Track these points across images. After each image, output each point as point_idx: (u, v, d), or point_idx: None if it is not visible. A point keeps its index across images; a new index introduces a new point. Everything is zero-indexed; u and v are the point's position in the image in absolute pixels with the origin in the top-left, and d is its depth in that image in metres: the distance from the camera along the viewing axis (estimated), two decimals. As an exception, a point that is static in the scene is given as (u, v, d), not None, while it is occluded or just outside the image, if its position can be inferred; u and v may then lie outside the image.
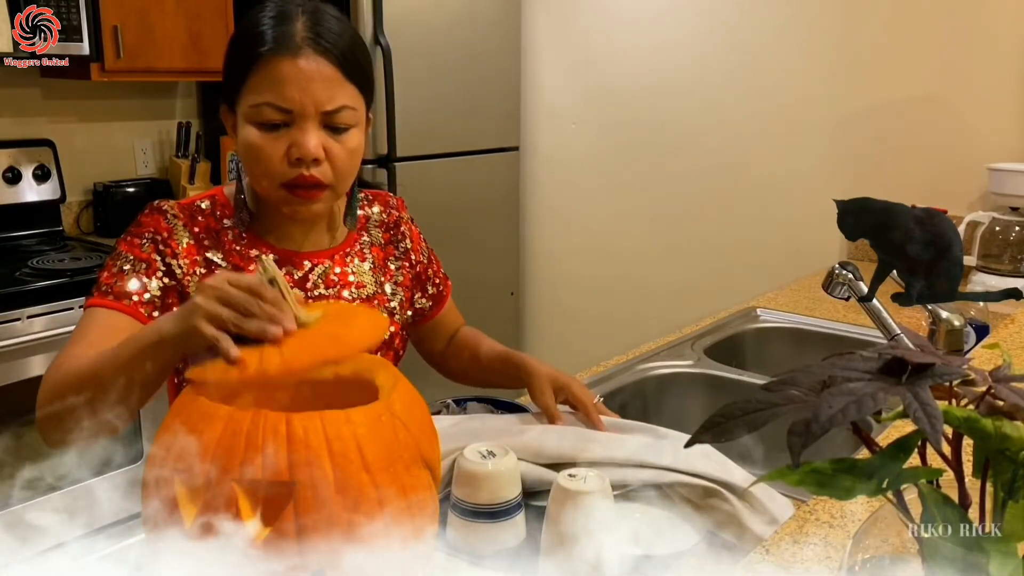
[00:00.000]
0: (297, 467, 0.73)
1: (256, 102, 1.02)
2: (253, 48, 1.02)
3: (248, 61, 1.02)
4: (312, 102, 1.01)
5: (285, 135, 1.02)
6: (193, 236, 1.09)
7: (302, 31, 1.02)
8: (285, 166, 1.03)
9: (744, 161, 2.79)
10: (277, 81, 1.01)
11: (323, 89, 1.02)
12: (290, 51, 1.01)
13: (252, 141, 1.03)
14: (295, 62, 1.00)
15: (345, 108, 1.04)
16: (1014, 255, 2.24)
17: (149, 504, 0.78)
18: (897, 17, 2.47)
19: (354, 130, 1.07)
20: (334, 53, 1.02)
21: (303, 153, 1.01)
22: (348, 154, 1.06)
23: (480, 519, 0.97)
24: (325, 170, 1.04)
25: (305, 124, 1.02)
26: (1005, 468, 0.53)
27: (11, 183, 2.59)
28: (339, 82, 1.03)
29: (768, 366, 1.88)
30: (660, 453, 1.05)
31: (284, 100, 1.01)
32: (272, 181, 1.04)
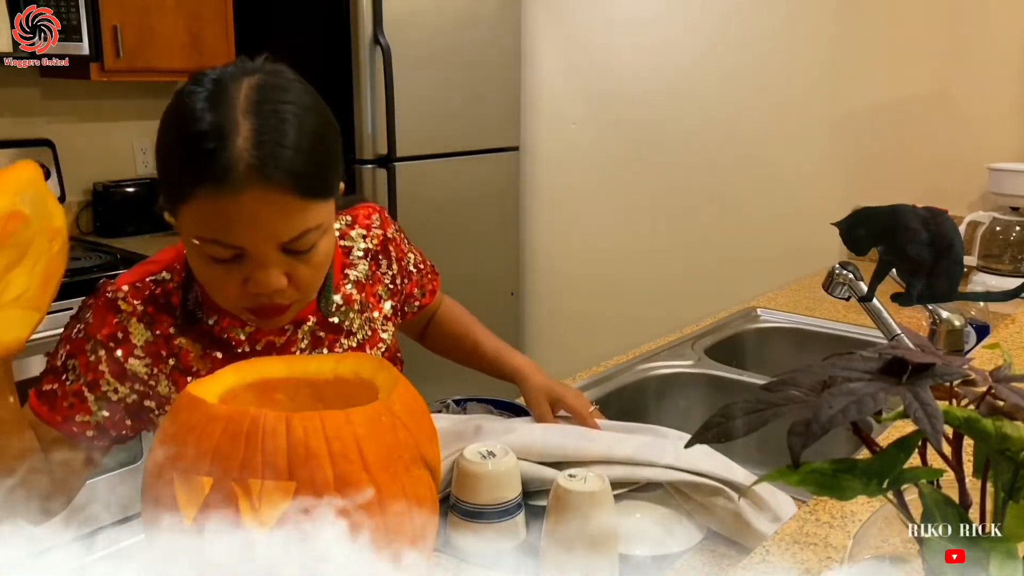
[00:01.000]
0: (297, 467, 0.73)
1: (201, 237, 0.86)
2: (187, 174, 0.83)
3: (183, 188, 0.84)
4: (266, 238, 0.85)
5: (239, 268, 0.87)
6: (152, 330, 0.97)
7: (244, 156, 0.81)
8: (244, 295, 0.89)
9: (744, 161, 2.79)
10: (221, 220, 0.83)
11: (278, 222, 0.85)
12: (232, 186, 0.81)
13: (203, 270, 0.90)
14: (239, 199, 0.82)
15: (307, 232, 0.87)
16: (1014, 255, 2.24)
17: (149, 504, 0.78)
18: (897, 17, 2.47)
19: (322, 241, 0.90)
20: (286, 179, 0.83)
21: (262, 289, 0.88)
22: (315, 269, 0.92)
23: (480, 519, 0.97)
24: (288, 294, 0.91)
25: (262, 258, 0.86)
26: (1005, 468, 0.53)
27: (11, 183, 2.58)
28: (297, 207, 0.85)
29: (768, 366, 1.88)
30: (661, 452, 1.05)
31: (231, 239, 0.84)
32: (231, 306, 0.93)
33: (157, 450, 0.78)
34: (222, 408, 0.78)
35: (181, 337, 0.99)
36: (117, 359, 0.96)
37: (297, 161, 0.83)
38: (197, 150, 0.82)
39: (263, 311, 0.92)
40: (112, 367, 0.96)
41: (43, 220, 0.81)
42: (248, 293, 0.89)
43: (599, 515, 0.91)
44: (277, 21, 2.90)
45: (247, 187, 0.81)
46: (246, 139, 0.81)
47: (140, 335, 0.97)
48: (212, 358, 1.00)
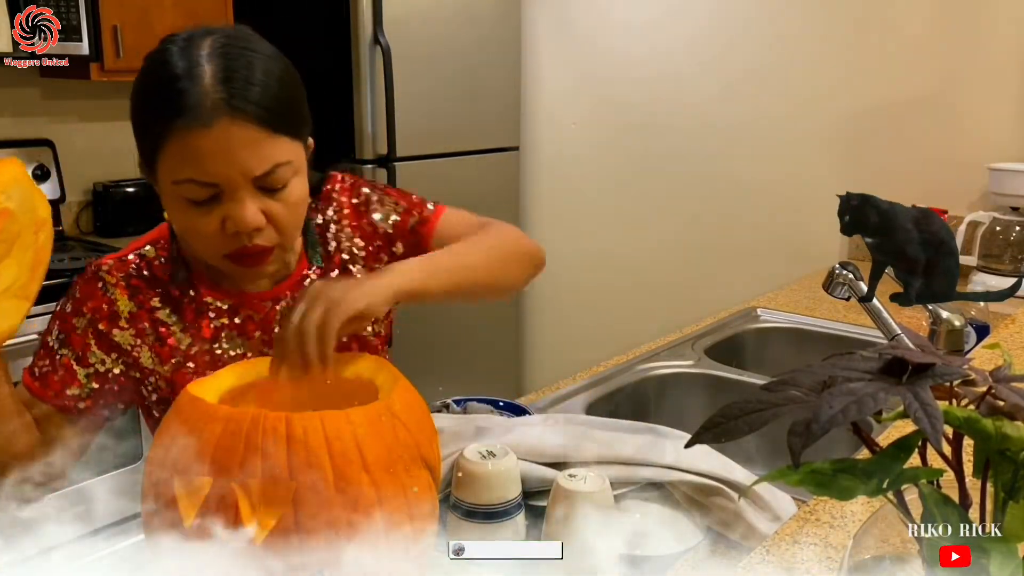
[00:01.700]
0: (297, 467, 0.73)
1: (176, 179, 0.89)
2: (160, 117, 0.87)
3: (157, 132, 0.88)
4: (239, 172, 0.88)
5: (217, 208, 0.90)
6: (136, 301, 1.00)
7: (212, 92, 0.86)
8: (223, 239, 0.92)
9: (744, 160, 2.79)
10: (194, 157, 0.87)
11: (249, 155, 0.88)
12: (202, 120, 0.85)
13: (181, 218, 0.92)
14: (210, 133, 0.86)
15: (278, 167, 0.90)
16: (1014, 255, 2.24)
17: (148, 504, 0.78)
18: (897, 17, 2.47)
19: (293, 181, 0.93)
20: (254, 111, 0.87)
21: (240, 227, 0.90)
22: (290, 210, 0.94)
23: (480, 519, 0.97)
24: (268, 234, 0.93)
25: (237, 194, 0.89)
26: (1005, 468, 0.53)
27: (11, 183, 2.58)
28: (266, 141, 0.89)
29: (768, 366, 1.88)
30: (661, 452, 1.05)
31: (206, 175, 0.88)
32: (212, 255, 0.95)
33: (157, 450, 0.78)
34: (222, 408, 0.78)
35: (164, 309, 1.01)
36: (102, 332, 1.00)
37: (263, 96, 0.88)
38: (167, 92, 0.86)
39: (244, 256, 0.93)
40: (99, 340, 1.00)
41: (29, 213, 0.84)
42: (228, 237, 0.91)
43: (599, 515, 0.91)
44: (277, 21, 2.90)
45: (216, 120, 0.85)
46: (213, 76, 0.86)
47: (124, 307, 1.00)
48: (193, 331, 1.02)
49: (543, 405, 1.43)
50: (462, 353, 2.99)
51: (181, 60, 0.88)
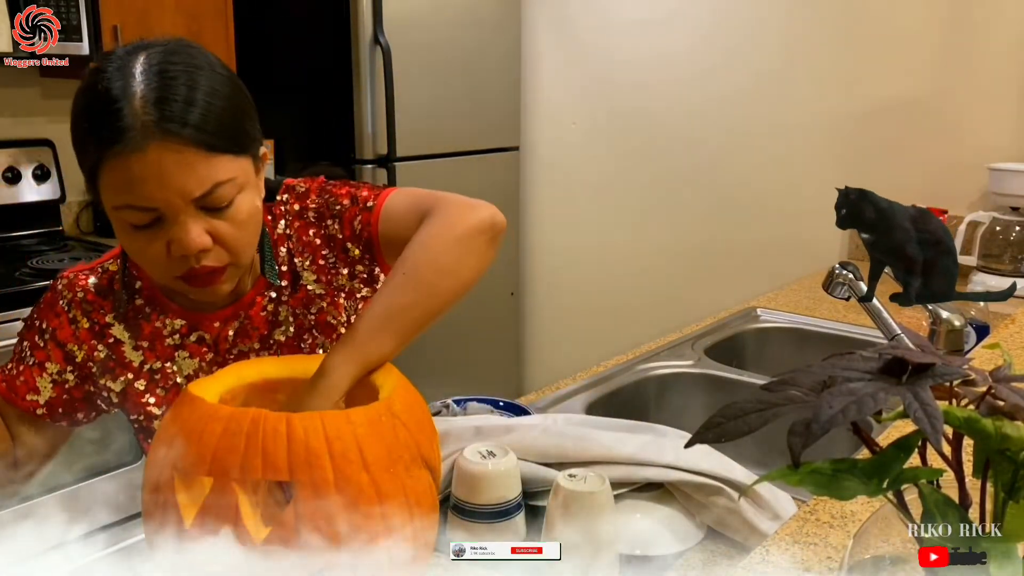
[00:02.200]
0: (297, 467, 0.73)
1: (116, 204, 0.87)
2: (94, 142, 0.85)
3: (93, 157, 0.86)
4: (177, 194, 0.85)
5: (161, 232, 0.87)
6: (91, 317, 1.02)
7: (143, 114, 0.83)
8: (170, 262, 0.89)
9: (744, 160, 2.79)
10: (130, 182, 0.84)
11: (186, 177, 0.85)
12: (134, 145, 0.83)
13: (127, 242, 0.91)
14: (144, 157, 0.83)
15: (218, 186, 0.87)
16: (1014, 255, 2.24)
17: (149, 504, 0.78)
18: (897, 17, 2.47)
19: (239, 198, 0.90)
20: (188, 134, 0.84)
21: (185, 250, 0.87)
22: (238, 228, 0.90)
23: (480, 519, 0.97)
24: (218, 254, 0.90)
25: (178, 218, 0.86)
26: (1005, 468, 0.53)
27: (11, 183, 2.59)
28: (203, 161, 0.85)
29: (768, 366, 1.88)
30: (661, 451, 1.05)
31: (144, 200, 0.85)
32: (163, 277, 0.93)
33: (157, 450, 0.78)
34: (222, 408, 0.78)
35: (118, 325, 1.03)
36: (60, 343, 1.03)
37: (193, 115, 0.84)
38: (98, 118, 0.84)
39: (195, 278, 0.91)
40: (56, 352, 1.03)
41: None
42: (175, 260, 0.89)
43: (599, 515, 0.91)
44: (277, 21, 2.90)
45: (147, 144, 0.83)
46: (142, 98, 0.83)
47: (78, 322, 1.02)
48: (142, 347, 1.03)
49: (543, 405, 1.43)
50: (462, 353, 2.99)
51: (116, 80, 0.85)
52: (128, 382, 1.03)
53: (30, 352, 1.03)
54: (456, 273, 0.98)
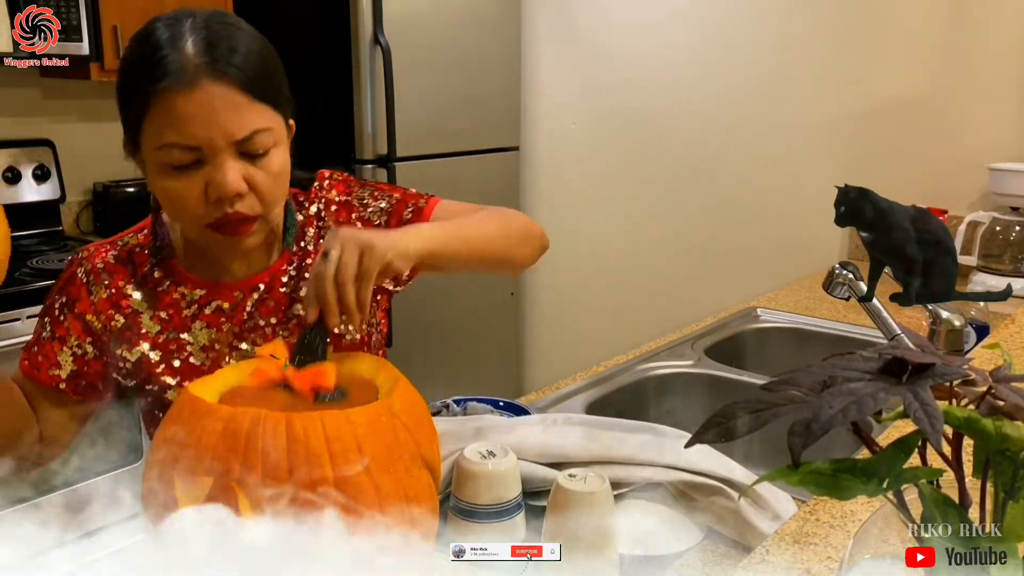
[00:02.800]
0: (297, 467, 0.73)
1: (159, 144, 0.91)
2: (143, 84, 0.89)
3: (141, 100, 0.90)
4: (220, 135, 0.90)
5: (199, 174, 0.91)
6: (109, 287, 1.04)
7: (194, 56, 0.89)
8: (205, 206, 0.93)
9: (744, 160, 2.79)
10: (176, 119, 0.89)
11: (230, 118, 0.90)
12: (184, 83, 0.88)
13: (165, 185, 0.93)
14: (192, 95, 0.88)
15: (258, 132, 0.92)
16: (1014, 255, 2.24)
17: (149, 504, 0.78)
18: (897, 17, 2.47)
19: (274, 151, 0.95)
20: (235, 75, 0.90)
21: (222, 192, 0.91)
22: (272, 179, 0.95)
23: (480, 519, 0.97)
24: (251, 202, 0.94)
25: (218, 159, 0.90)
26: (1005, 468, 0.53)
27: (11, 183, 2.59)
28: (248, 106, 0.91)
29: (768, 366, 1.88)
30: (661, 451, 1.06)
31: (188, 138, 0.89)
32: (195, 224, 0.95)
33: (157, 450, 0.78)
34: (222, 408, 0.78)
35: (135, 295, 1.04)
36: (78, 315, 1.03)
37: (242, 62, 0.91)
38: (152, 60, 0.89)
39: (227, 225, 0.94)
40: (75, 324, 1.03)
41: None
42: (210, 204, 0.92)
43: (599, 515, 0.91)
44: (277, 21, 2.90)
45: (197, 82, 0.88)
46: (195, 44, 0.89)
47: (97, 292, 1.04)
48: (159, 317, 1.04)
49: (543, 405, 1.43)
50: (462, 353, 2.99)
51: (165, 33, 0.90)
52: (143, 353, 1.03)
53: (50, 328, 1.04)
54: (519, 252, 1.11)
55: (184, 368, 1.03)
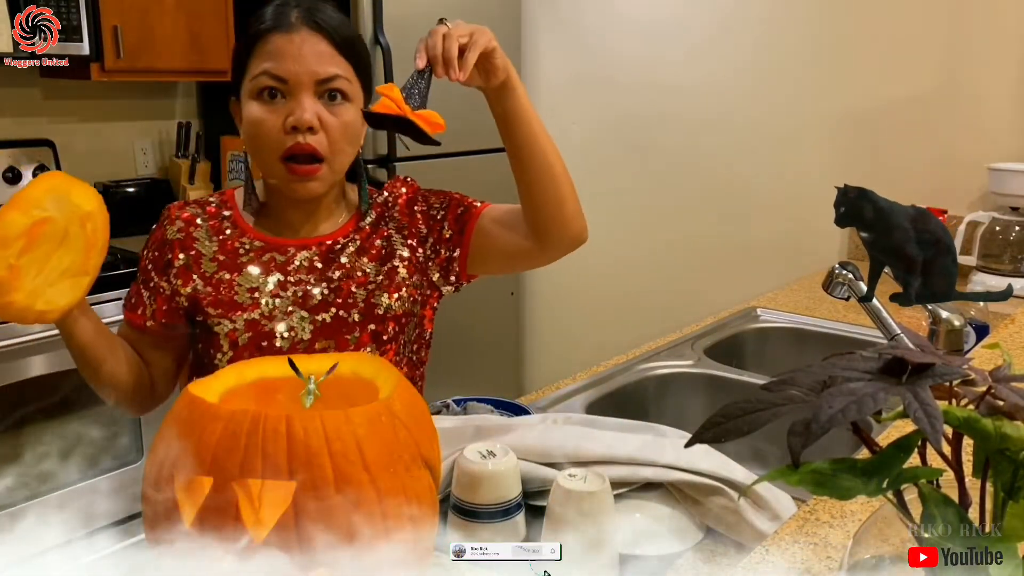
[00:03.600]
0: (297, 467, 0.73)
1: (255, 73, 1.11)
2: (254, 29, 1.12)
3: (249, 42, 1.12)
4: (306, 71, 1.09)
5: (282, 106, 1.10)
6: (183, 231, 1.19)
7: (298, 13, 1.12)
8: (283, 135, 1.09)
9: (744, 161, 2.79)
10: (274, 53, 1.10)
11: (316, 60, 1.10)
12: (286, 27, 1.10)
13: (253, 115, 1.11)
14: (290, 36, 1.10)
15: (338, 77, 1.11)
16: (1014, 255, 2.24)
17: (149, 504, 0.78)
18: (898, 16, 2.47)
19: (348, 104, 1.13)
20: (327, 31, 1.11)
21: (298, 121, 1.08)
22: (343, 126, 1.12)
23: (480, 519, 0.97)
24: (320, 140, 1.10)
25: (300, 94, 1.09)
26: (1005, 468, 0.53)
27: (11, 183, 2.59)
28: (331, 55, 1.11)
29: (768, 366, 1.88)
30: (661, 451, 1.06)
31: (280, 69, 1.09)
32: (272, 153, 1.11)
33: (158, 450, 0.78)
34: (223, 408, 0.78)
35: (202, 240, 1.18)
36: (156, 257, 1.19)
37: (334, 23, 1.13)
38: (263, 16, 1.13)
39: (298, 156, 1.10)
40: (157, 264, 1.19)
41: (70, 212, 0.98)
42: (286, 134, 1.09)
43: (599, 515, 0.91)
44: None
45: (297, 29, 1.10)
46: (300, 9, 1.12)
47: (172, 234, 1.19)
48: (218, 260, 1.18)
49: (543, 405, 1.43)
50: (462, 353, 2.99)
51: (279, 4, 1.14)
52: (196, 288, 1.16)
53: (139, 275, 1.20)
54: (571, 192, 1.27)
55: (228, 302, 1.15)
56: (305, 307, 1.16)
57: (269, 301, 1.15)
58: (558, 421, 1.18)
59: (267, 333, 1.14)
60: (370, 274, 1.19)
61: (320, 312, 1.16)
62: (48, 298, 0.97)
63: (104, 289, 2.25)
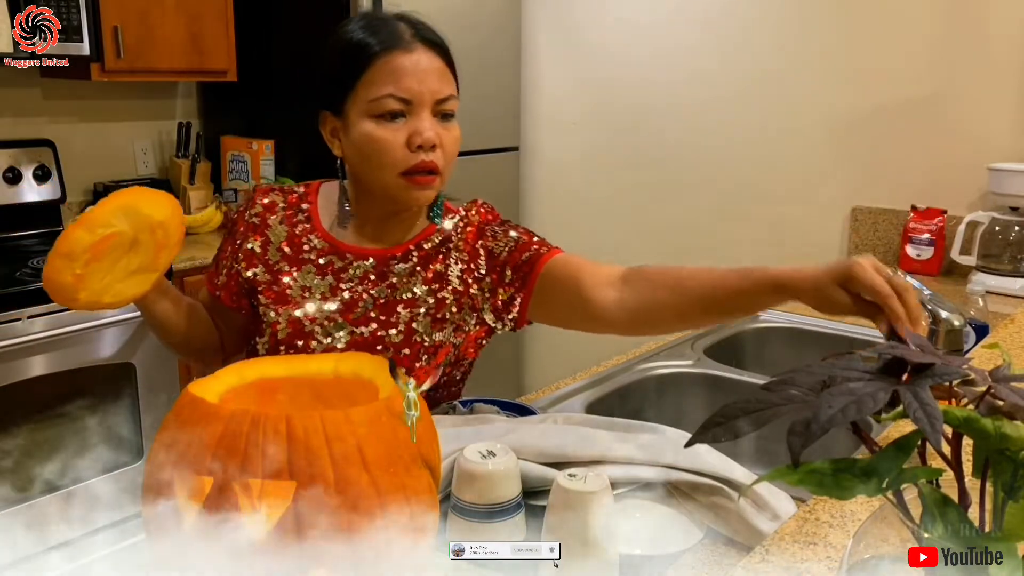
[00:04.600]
0: (297, 467, 0.73)
1: (376, 96, 1.11)
2: (366, 49, 1.11)
3: (362, 61, 1.11)
4: (428, 91, 1.12)
5: (404, 125, 1.12)
6: (259, 216, 1.23)
7: (408, 30, 1.13)
8: (406, 153, 1.12)
9: (744, 161, 2.79)
10: (396, 74, 1.10)
11: (435, 80, 1.13)
12: (403, 47, 1.11)
13: (373, 133, 1.12)
14: (410, 56, 1.11)
15: (452, 97, 1.16)
16: (1014, 255, 2.24)
17: (149, 504, 0.78)
18: (897, 17, 2.47)
19: (455, 121, 1.18)
20: (440, 47, 1.15)
21: (424, 140, 1.11)
22: (454, 142, 1.17)
23: (480, 519, 0.97)
24: (439, 156, 1.14)
25: (422, 113, 1.12)
26: (1005, 468, 0.53)
27: (11, 183, 2.59)
28: (446, 73, 1.15)
29: (768, 366, 1.88)
30: (661, 451, 1.05)
31: (404, 91, 1.11)
32: (393, 170, 1.12)
33: (158, 450, 0.78)
34: (223, 408, 0.78)
35: (274, 226, 1.22)
36: (232, 233, 1.25)
37: (441, 40, 1.16)
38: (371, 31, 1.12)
39: (419, 171, 1.12)
40: (232, 240, 1.24)
41: (141, 223, 1.07)
42: (410, 153, 1.11)
43: (599, 515, 0.91)
44: (277, 21, 2.90)
45: (414, 46, 1.12)
46: (406, 25, 1.14)
47: (249, 216, 1.23)
48: (282, 251, 1.21)
49: (543, 405, 1.43)
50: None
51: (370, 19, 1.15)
52: (256, 272, 1.21)
53: (220, 247, 1.27)
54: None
55: (280, 295, 1.19)
56: (348, 316, 1.18)
57: (317, 304, 1.18)
58: (558, 421, 1.18)
59: (306, 333, 1.17)
60: (419, 297, 1.20)
61: (361, 325, 1.18)
62: (116, 291, 1.10)
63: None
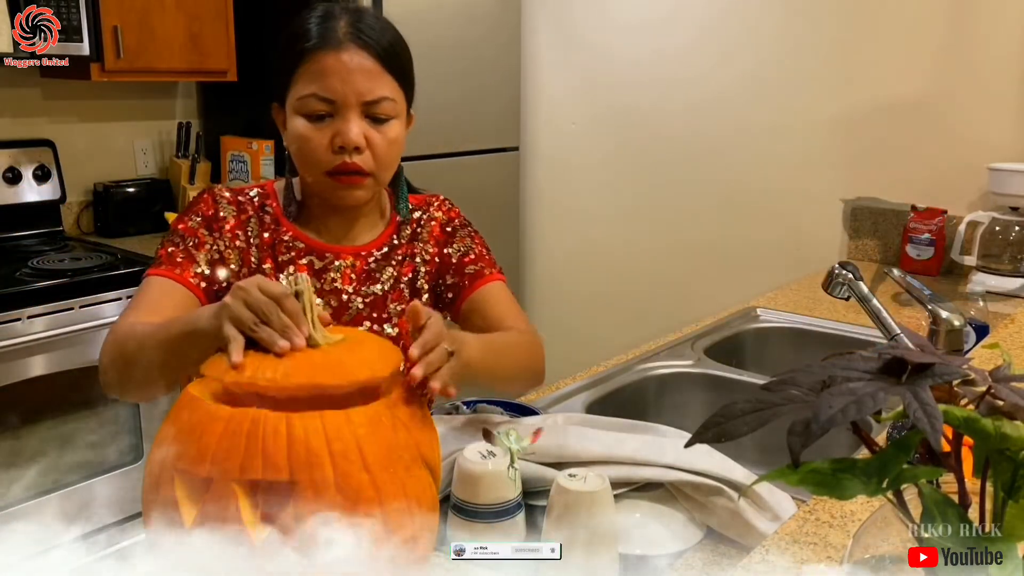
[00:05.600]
0: (297, 467, 0.73)
1: (302, 94, 1.10)
2: (300, 44, 1.11)
3: (296, 57, 1.11)
4: (353, 92, 1.09)
5: (329, 125, 1.10)
6: (237, 217, 1.18)
7: (344, 28, 1.10)
8: (329, 154, 1.10)
9: (744, 160, 2.79)
10: (321, 74, 1.09)
11: (364, 80, 1.09)
12: (333, 45, 1.09)
13: (300, 132, 1.11)
14: (338, 55, 1.08)
15: (385, 99, 1.11)
16: (1014, 255, 2.24)
17: (149, 504, 0.78)
18: (897, 16, 2.47)
19: (394, 121, 1.13)
20: (374, 47, 1.10)
21: (345, 141, 1.09)
22: (388, 144, 1.13)
23: (480, 519, 0.97)
24: (367, 159, 1.11)
25: (347, 114, 1.09)
26: (1005, 468, 0.53)
27: (11, 183, 2.59)
28: (379, 74, 1.10)
29: (768, 366, 1.88)
30: (661, 451, 1.06)
31: (328, 91, 1.09)
32: (317, 169, 1.12)
33: (158, 450, 0.78)
34: (222, 408, 0.78)
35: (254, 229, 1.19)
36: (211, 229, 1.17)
37: (382, 40, 1.11)
38: (310, 28, 1.11)
39: (343, 174, 1.11)
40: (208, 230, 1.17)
41: None
42: (333, 153, 1.10)
43: (599, 515, 0.91)
44: (277, 21, 2.90)
45: (344, 46, 1.09)
46: (346, 22, 1.11)
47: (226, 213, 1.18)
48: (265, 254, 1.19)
49: (543, 405, 1.43)
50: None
51: (320, 11, 1.12)
52: (233, 273, 1.16)
53: (184, 238, 1.15)
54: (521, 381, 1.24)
55: None
56: (342, 320, 1.18)
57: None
58: (558, 421, 1.18)
59: None
60: (402, 288, 1.23)
61: (357, 326, 1.18)
62: None
63: (104, 289, 2.25)
